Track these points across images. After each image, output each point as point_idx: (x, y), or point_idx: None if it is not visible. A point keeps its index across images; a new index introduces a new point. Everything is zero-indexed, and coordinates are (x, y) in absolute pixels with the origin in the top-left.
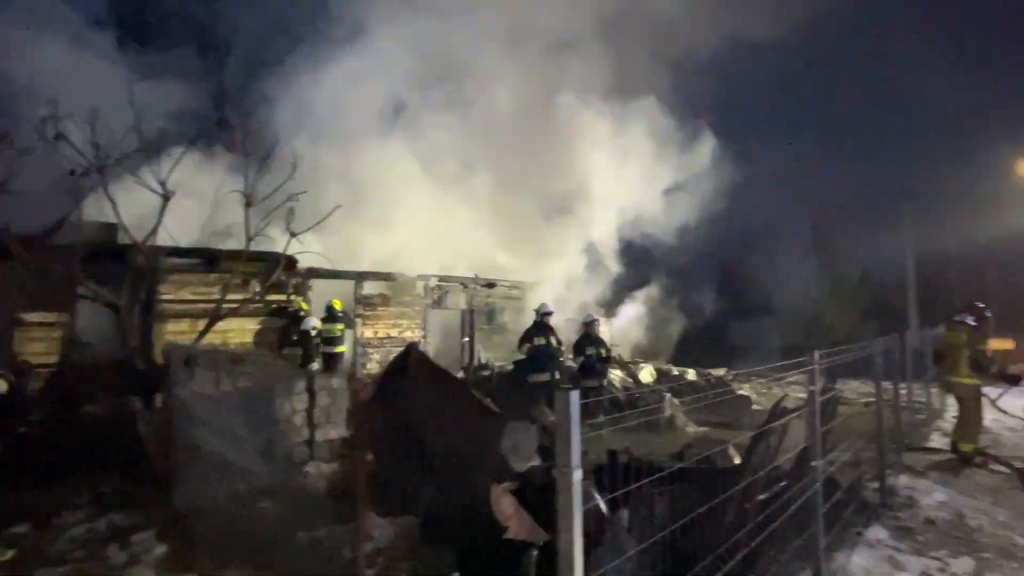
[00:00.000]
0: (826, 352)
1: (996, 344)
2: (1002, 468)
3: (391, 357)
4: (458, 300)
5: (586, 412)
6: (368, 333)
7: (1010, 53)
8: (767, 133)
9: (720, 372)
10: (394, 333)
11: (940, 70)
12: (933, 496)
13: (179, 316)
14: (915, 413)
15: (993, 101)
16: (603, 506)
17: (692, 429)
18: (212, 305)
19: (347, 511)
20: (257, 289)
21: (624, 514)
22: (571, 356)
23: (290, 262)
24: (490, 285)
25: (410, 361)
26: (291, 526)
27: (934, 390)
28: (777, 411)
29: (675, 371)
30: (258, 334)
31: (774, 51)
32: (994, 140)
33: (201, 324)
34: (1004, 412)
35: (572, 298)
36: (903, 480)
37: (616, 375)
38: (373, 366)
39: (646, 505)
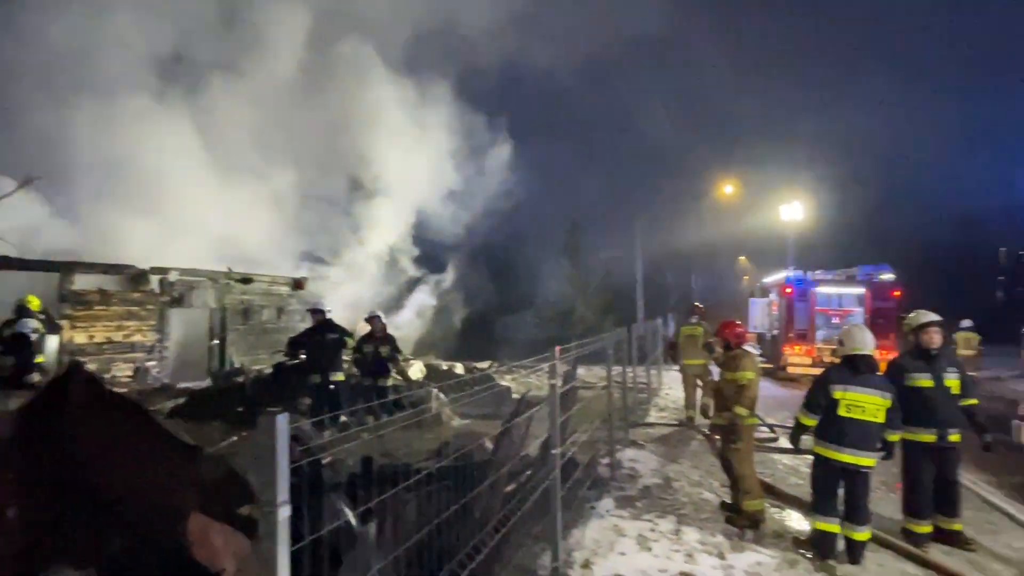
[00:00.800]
0: (566, 347)
1: None
2: (698, 435)
3: (111, 366)
4: (207, 297)
5: (368, 412)
6: (80, 338)
7: (716, 102)
8: (536, 146)
9: (485, 365)
10: (118, 337)
11: (663, 108)
12: (649, 465)
13: None
14: (639, 393)
15: (701, 135)
16: (353, 520)
17: (457, 423)
18: None
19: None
20: None
21: (372, 527)
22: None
23: None
24: (246, 280)
25: (72, 386)
26: None
27: (654, 371)
28: (522, 404)
29: (444, 366)
30: None
31: (550, 80)
32: (699, 166)
33: None
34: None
35: (349, 294)
36: (628, 453)
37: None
38: None
39: (398, 512)
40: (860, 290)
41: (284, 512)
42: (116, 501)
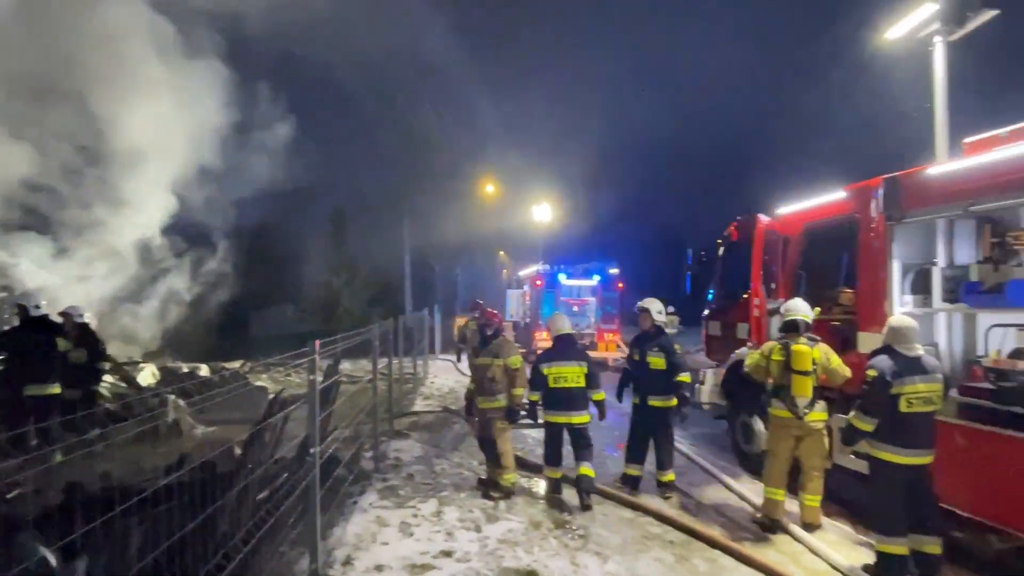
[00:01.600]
0: (329, 340)
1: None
2: (458, 419)
3: None
4: None
5: (69, 428)
6: None
7: (480, 107)
8: (302, 131)
9: (236, 364)
10: None
11: (432, 107)
12: (413, 453)
13: None
14: (405, 383)
15: (464, 135)
16: (52, 559)
17: (201, 431)
18: None
19: None
20: None
21: (81, 564)
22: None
23: None
24: None
25: None
26: None
27: (420, 361)
28: (275, 405)
29: (185, 368)
30: None
31: (323, 69)
32: (464, 164)
33: None
34: (463, 373)
35: (74, 287)
36: (394, 444)
37: (107, 380)
38: None
39: (116, 542)
40: (593, 282)
41: None
42: None
